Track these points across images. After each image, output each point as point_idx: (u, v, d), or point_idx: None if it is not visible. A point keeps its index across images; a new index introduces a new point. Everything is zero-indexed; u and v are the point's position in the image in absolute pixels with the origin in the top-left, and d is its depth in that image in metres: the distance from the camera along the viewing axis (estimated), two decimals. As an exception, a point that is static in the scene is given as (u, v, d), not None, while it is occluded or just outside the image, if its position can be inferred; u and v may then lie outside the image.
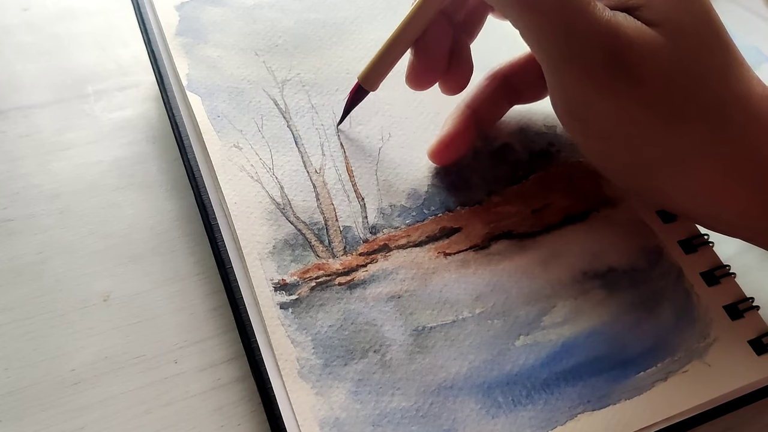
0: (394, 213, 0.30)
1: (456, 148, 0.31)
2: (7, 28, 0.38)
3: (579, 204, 0.31)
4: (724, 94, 0.25)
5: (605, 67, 0.24)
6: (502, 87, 0.32)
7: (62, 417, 0.26)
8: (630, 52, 0.24)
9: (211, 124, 0.31)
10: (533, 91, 0.32)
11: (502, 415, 0.25)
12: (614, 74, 0.24)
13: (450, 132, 0.31)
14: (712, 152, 0.25)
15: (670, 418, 0.26)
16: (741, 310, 0.29)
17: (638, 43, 0.24)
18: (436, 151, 0.31)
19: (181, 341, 0.29)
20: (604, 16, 0.24)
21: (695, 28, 0.25)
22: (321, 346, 0.26)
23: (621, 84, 0.24)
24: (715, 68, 0.25)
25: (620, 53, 0.24)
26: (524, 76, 0.31)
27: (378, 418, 0.25)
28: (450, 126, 0.31)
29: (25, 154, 0.33)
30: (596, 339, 0.27)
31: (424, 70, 0.30)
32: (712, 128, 0.25)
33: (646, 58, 0.24)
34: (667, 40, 0.24)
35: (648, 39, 0.24)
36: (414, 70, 0.30)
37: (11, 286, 0.29)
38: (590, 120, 0.26)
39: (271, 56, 0.34)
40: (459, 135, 0.31)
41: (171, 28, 0.34)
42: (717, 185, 0.26)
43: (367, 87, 0.31)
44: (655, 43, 0.24)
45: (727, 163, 0.26)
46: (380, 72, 0.30)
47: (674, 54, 0.24)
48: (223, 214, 0.29)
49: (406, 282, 0.28)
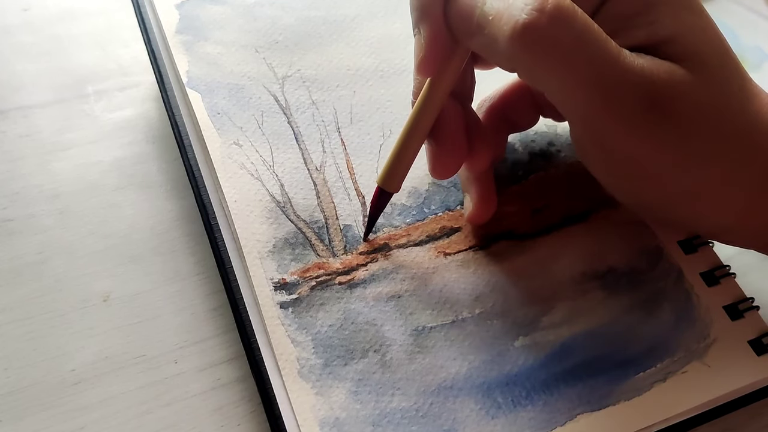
0: (394, 212, 0.30)
1: (491, 204, 0.30)
2: (7, 28, 0.38)
3: (579, 204, 0.31)
4: (747, 121, 0.25)
5: (644, 113, 0.24)
6: (499, 121, 0.31)
7: (62, 417, 0.26)
8: (665, 95, 0.24)
9: (211, 122, 0.31)
10: (528, 120, 0.32)
11: (502, 416, 0.25)
12: (653, 119, 0.24)
13: (482, 194, 0.30)
14: (742, 178, 0.26)
15: (669, 418, 0.26)
16: (741, 311, 0.29)
17: (672, 86, 0.24)
18: (478, 217, 0.30)
19: (181, 341, 0.29)
20: (636, 64, 0.24)
21: (717, 60, 0.25)
22: (321, 346, 0.26)
23: (659, 127, 0.24)
24: (736, 96, 0.25)
25: (657, 98, 0.24)
26: (518, 107, 0.31)
27: (378, 418, 0.25)
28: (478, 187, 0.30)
29: (25, 154, 0.33)
30: (595, 339, 0.27)
31: (448, 159, 0.28)
32: (741, 156, 0.25)
33: (680, 98, 0.24)
34: (695, 76, 0.24)
35: (679, 79, 0.24)
36: (438, 161, 0.28)
37: (11, 286, 0.29)
38: (622, 162, 0.26)
39: (272, 53, 0.34)
40: (488, 191, 0.30)
41: (171, 26, 0.34)
42: (745, 209, 0.26)
43: (390, 190, 0.28)
44: (686, 82, 0.24)
45: (755, 186, 0.26)
46: (399, 173, 0.28)
47: (702, 89, 0.24)
48: (223, 214, 0.29)
49: (406, 282, 0.28)
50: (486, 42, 0.24)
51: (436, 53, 0.26)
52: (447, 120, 0.27)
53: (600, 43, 0.23)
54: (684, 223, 0.29)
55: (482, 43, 0.24)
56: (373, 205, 0.29)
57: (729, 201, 0.26)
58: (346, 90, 0.33)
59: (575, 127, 0.26)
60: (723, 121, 0.25)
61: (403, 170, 0.28)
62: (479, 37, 0.24)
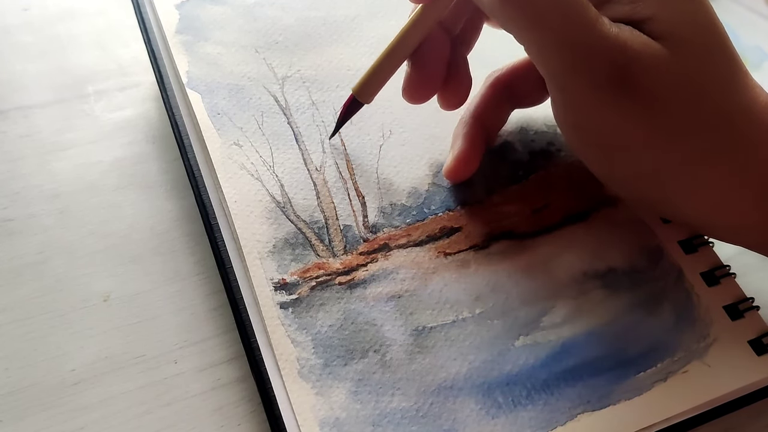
0: (394, 212, 0.30)
1: (471, 164, 0.31)
2: (7, 28, 0.38)
3: (579, 204, 0.31)
4: (728, 105, 0.25)
5: (610, 81, 0.24)
6: (504, 94, 0.31)
7: (62, 417, 0.26)
8: (635, 66, 0.24)
9: (211, 122, 0.31)
10: (534, 95, 0.32)
11: (502, 416, 0.25)
12: (619, 88, 0.24)
13: (463, 149, 0.31)
14: (717, 163, 0.26)
15: (669, 418, 0.26)
16: (741, 311, 0.29)
17: (643, 58, 0.24)
18: (453, 170, 0.31)
19: (181, 341, 0.29)
20: (611, 31, 0.24)
21: (700, 40, 0.25)
22: (321, 346, 0.26)
23: (625, 98, 0.24)
24: (720, 79, 0.25)
25: (626, 68, 0.24)
26: (525, 81, 0.31)
27: (378, 418, 0.25)
28: (461, 143, 0.31)
29: (25, 154, 0.33)
30: (596, 339, 0.27)
31: (422, 84, 0.29)
32: (717, 139, 0.25)
33: (651, 72, 0.24)
34: (672, 54, 0.24)
35: (653, 53, 0.24)
36: (411, 83, 0.29)
37: (11, 286, 0.29)
38: (593, 132, 0.26)
39: (272, 53, 0.34)
40: (472, 150, 0.31)
41: (171, 26, 0.34)
42: (720, 195, 0.26)
43: (362, 99, 0.30)
44: (660, 57, 0.24)
45: (731, 173, 0.26)
46: (375, 84, 0.30)
47: (679, 68, 0.24)
48: (223, 214, 0.29)
49: (407, 282, 0.28)
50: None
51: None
52: (431, 48, 0.29)
53: (577, 6, 0.24)
54: (660, 208, 0.29)
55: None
56: (343, 110, 0.30)
57: (705, 186, 0.26)
58: (346, 90, 0.33)
59: (551, 90, 0.26)
60: (700, 101, 0.25)
61: (379, 83, 0.29)
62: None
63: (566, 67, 0.24)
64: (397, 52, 0.29)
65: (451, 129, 0.32)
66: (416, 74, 0.29)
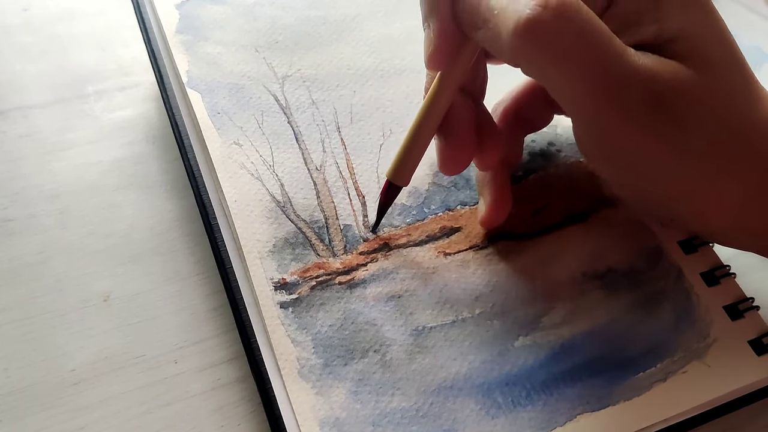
0: (394, 211, 0.30)
1: (505, 207, 0.30)
2: (7, 28, 0.38)
3: (579, 204, 0.31)
4: (749, 121, 0.25)
5: (649, 111, 0.24)
6: (515, 124, 0.31)
7: (62, 417, 0.26)
8: (668, 94, 0.24)
9: (211, 121, 0.31)
10: (544, 117, 0.32)
11: (502, 416, 0.25)
12: (658, 117, 0.24)
13: (495, 198, 0.30)
14: (740, 177, 0.26)
15: (669, 418, 0.26)
16: (741, 311, 0.29)
17: (675, 84, 0.24)
18: (489, 219, 0.30)
19: (181, 341, 0.29)
20: (641, 62, 0.24)
21: (721, 56, 0.25)
22: (321, 346, 0.26)
23: (663, 125, 0.24)
24: (740, 95, 0.25)
25: (662, 97, 0.24)
26: (532, 107, 0.31)
27: (378, 418, 0.25)
28: (491, 188, 0.30)
29: (25, 155, 0.33)
30: (595, 340, 0.27)
31: (456, 153, 0.28)
32: (740, 154, 0.25)
33: (684, 97, 0.24)
34: (699, 76, 0.24)
35: (682, 78, 0.24)
36: (445, 156, 0.28)
37: (11, 286, 0.29)
38: (627, 160, 0.26)
39: (272, 53, 0.34)
40: (501, 195, 0.30)
41: (171, 26, 0.34)
42: (742, 210, 0.26)
43: (398, 183, 0.28)
44: (689, 81, 0.24)
45: (752, 186, 0.26)
46: (408, 166, 0.28)
47: (706, 89, 0.24)
48: (223, 214, 0.29)
49: (407, 282, 0.28)
50: (491, 36, 0.24)
51: (445, 47, 0.26)
52: (456, 115, 0.27)
53: (604, 39, 0.23)
54: (683, 220, 0.29)
55: (487, 37, 0.24)
56: (381, 199, 0.29)
57: (726, 200, 0.26)
58: (346, 90, 0.33)
59: (578, 123, 0.26)
60: (726, 121, 0.25)
61: (412, 164, 0.28)
62: (484, 30, 0.24)
63: (597, 103, 0.24)
64: (424, 129, 0.27)
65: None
66: (449, 146, 0.28)
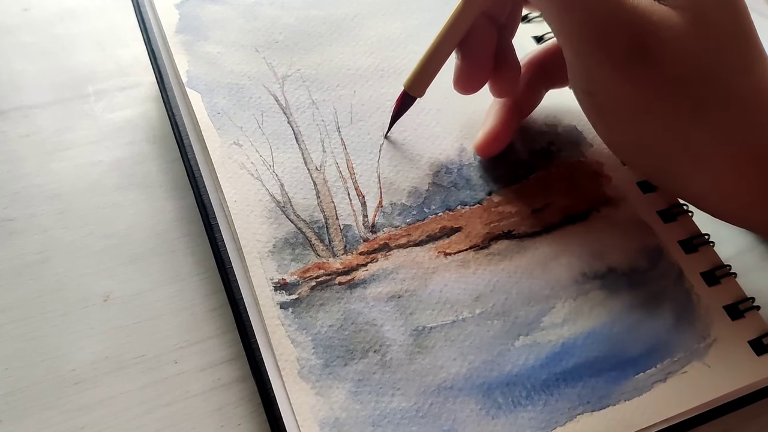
0: (394, 212, 0.30)
1: (502, 139, 0.31)
2: (7, 28, 0.38)
3: (579, 204, 0.31)
4: (744, 88, 0.25)
5: (627, 51, 0.24)
6: (538, 74, 0.32)
7: (62, 417, 0.26)
8: (652, 38, 0.24)
9: (210, 121, 0.31)
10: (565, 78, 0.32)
11: (502, 416, 0.25)
12: (635, 58, 0.24)
13: (496, 125, 0.31)
14: (729, 143, 0.25)
15: (669, 418, 0.26)
16: (741, 310, 0.29)
17: (661, 30, 0.24)
18: (484, 144, 0.31)
19: (181, 341, 0.29)
20: (629, 2, 0.24)
21: (720, 18, 0.25)
22: (321, 346, 0.26)
23: (641, 70, 0.24)
24: (737, 60, 0.25)
25: (642, 37, 0.24)
26: (559, 61, 0.31)
27: (378, 418, 0.25)
28: (494, 118, 0.31)
29: (25, 154, 0.33)
30: (596, 340, 0.27)
31: (472, 73, 0.30)
32: (731, 120, 0.25)
33: (668, 45, 0.24)
34: (690, 26, 0.24)
35: (671, 25, 0.24)
36: (461, 74, 0.30)
37: (11, 286, 0.29)
38: (608, 103, 0.26)
39: (272, 52, 0.34)
40: (504, 127, 0.31)
41: (171, 26, 0.34)
42: (731, 176, 0.26)
43: (414, 93, 0.30)
44: (678, 29, 0.24)
45: (743, 155, 0.26)
46: (426, 77, 0.30)
47: (695, 41, 0.24)
48: (223, 214, 0.29)
49: (407, 282, 0.28)
50: None
51: None
52: (478, 37, 0.29)
53: None
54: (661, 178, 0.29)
55: None
56: (396, 106, 0.31)
57: (718, 162, 0.26)
58: (346, 90, 0.33)
59: (569, 64, 0.27)
60: (715, 79, 0.25)
61: (429, 76, 0.30)
62: None
63: (584, 36, 0.25)
64: (445, 44, 0.29)
65: (452, 128, 0.32)
66: (466, 65, 0.29)
